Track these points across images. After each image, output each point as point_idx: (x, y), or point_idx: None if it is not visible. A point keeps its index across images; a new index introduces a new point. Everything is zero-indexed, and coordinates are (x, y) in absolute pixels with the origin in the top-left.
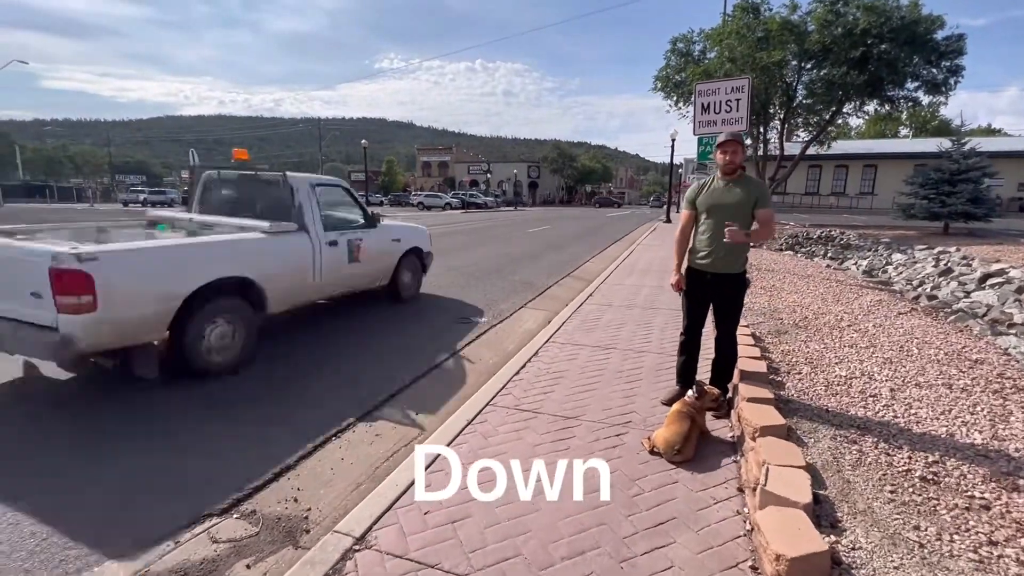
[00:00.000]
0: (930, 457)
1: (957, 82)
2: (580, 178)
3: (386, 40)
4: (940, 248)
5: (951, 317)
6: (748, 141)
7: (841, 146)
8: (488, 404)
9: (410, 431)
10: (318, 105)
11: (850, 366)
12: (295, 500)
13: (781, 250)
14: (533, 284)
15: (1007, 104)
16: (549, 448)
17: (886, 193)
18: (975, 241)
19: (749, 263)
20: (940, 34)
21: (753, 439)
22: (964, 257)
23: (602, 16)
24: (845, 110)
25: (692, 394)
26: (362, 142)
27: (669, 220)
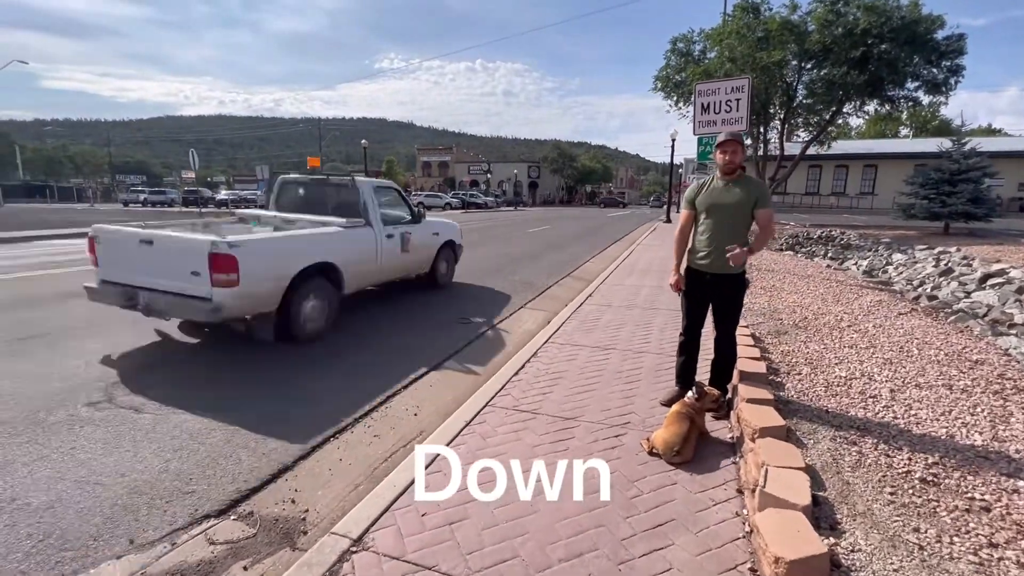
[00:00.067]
0: (930, 458)
1: (957, 82)
2: (580, 178)
3: (386, 40)
4: (940, 248)
5: (951, 317)
6: (748, 141)
7: (841, 146)
8: (487, 405)
9: (408, 432)
10: (318, 105)
11: (850, 367)
12: (293, 501)
13: (781, 250)
14: (533, 284)
15: (1007, 104)
16: (548, 449)
17: (886, 193)
18: (975, 241)
19: (749, 263)
20: (940, 34)
21: (752, 440)
22: (964, 257)
23: (602, 16)
24: (845, 110)
25: (692, 395)
26: (362, 142)
27: (669, 220)
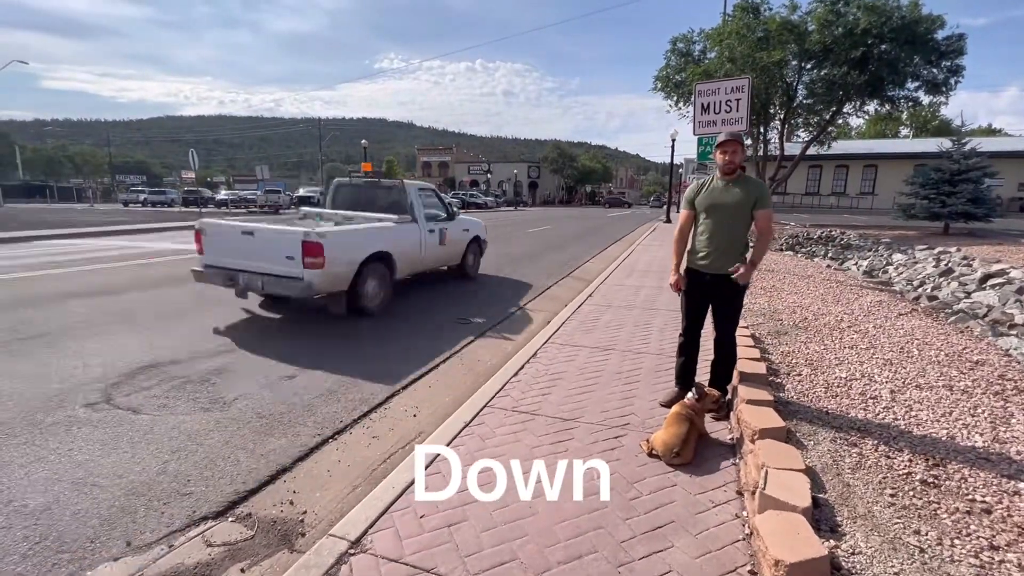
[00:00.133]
0: (931, 460)
1: (957, 82)
2: (580, 178)
3: (386, 40)
4: (940, 248)
5: (952, 318)
6: (748, 141)
7: (841, 146)
8: (486, 406)
9: (407, 434)
10: (318, 105)
11: (850, 367)
12: (291, 503)
13: (781, 250)
14: (533, 284)
15: (1007, 104)
16: (547, 450)
17: (886, 193)
18: (975, 241)
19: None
20: (940, 34)
21: (752, 441)
22: (965, 257)
23: (602, 16)
24: (845, 110)
25: (692, 396)
26: (362, 142)
27: (669, 220)
